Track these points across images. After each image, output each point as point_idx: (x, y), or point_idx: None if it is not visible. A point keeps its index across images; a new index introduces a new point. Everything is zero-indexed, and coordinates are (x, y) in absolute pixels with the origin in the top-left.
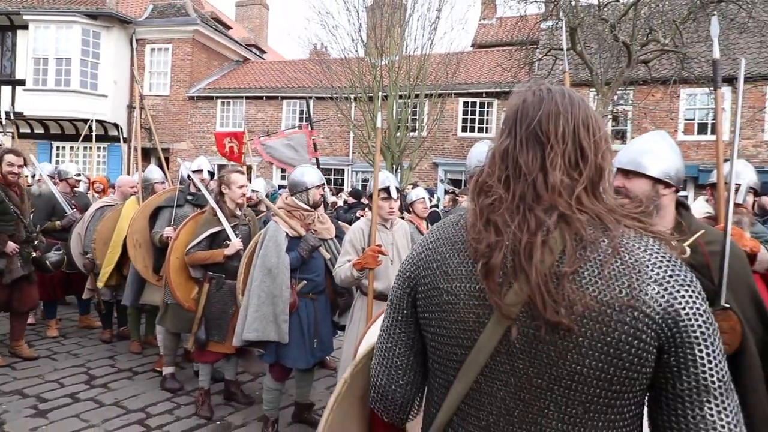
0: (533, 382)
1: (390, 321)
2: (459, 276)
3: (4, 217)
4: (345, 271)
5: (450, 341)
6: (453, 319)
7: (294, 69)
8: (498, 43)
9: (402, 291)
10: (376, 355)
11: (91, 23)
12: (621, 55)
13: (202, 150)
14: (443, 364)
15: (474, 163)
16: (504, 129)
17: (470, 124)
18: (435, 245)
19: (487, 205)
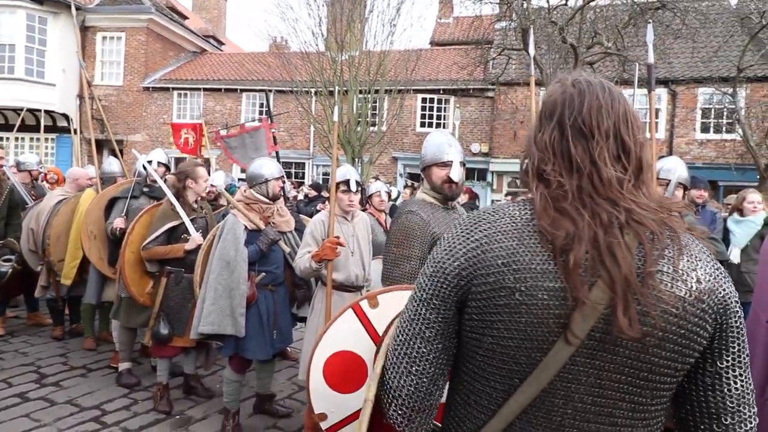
0: (612, 377)
1: (424, 324)
2: (533, 273)
3: None
4: (304, 263)
5: (520, 343)
6: (526, 320)
7: (253, 61)
8: (455, 41)
9: (448, 290)
10: (400, 361)
11: (36, 8)
12: (569, 57)
13: (158, 142)
14: (502, 367)
15: (427, 153)
16: (546, 118)
17: (428, 120)
18: (493, 239)
19: (552, 193)
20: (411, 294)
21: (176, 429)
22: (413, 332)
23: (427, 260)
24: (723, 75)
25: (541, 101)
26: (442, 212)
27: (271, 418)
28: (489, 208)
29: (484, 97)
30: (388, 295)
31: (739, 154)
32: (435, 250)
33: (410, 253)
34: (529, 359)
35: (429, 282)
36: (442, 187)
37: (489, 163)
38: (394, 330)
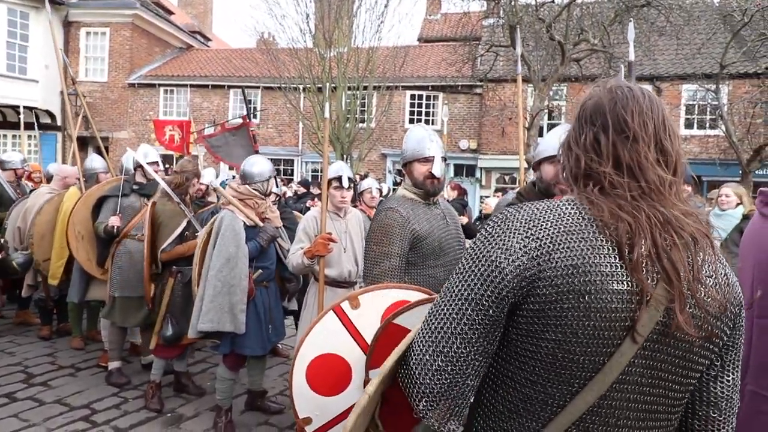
0: (661, 375)
1: (468, 325)
2: (602, 275)
3: None
4: (297, 259)
5: (586, 348)
6: (594, 324)
7: (241, 58)
8: (443, 38)
9: (504, 291)
10: (434, 358)
11: (18, 3)
12: (556, 54)
13: (144, 139)
14: (562, 372)
15: (408, 148)
16: (588, 121)
17: (417, 117)
18: (559, 239)
19: (605, 192)
20: (449, 289)
21: (167, 427)
22: (453, 331)
23: (472, 256)
24: (706, 72)
25: (581, 104)
26: (423, 208)
27: (263, 415)
28: (542, 204)
29: (473, 94)
30: (369, 296)
31: (722, 149)
32: (482, 247)
33: (390, 250)
34: (592, 363)
35: (479, 280)
36: (424, 183)
37: (477, 160)
38: (425, 325)
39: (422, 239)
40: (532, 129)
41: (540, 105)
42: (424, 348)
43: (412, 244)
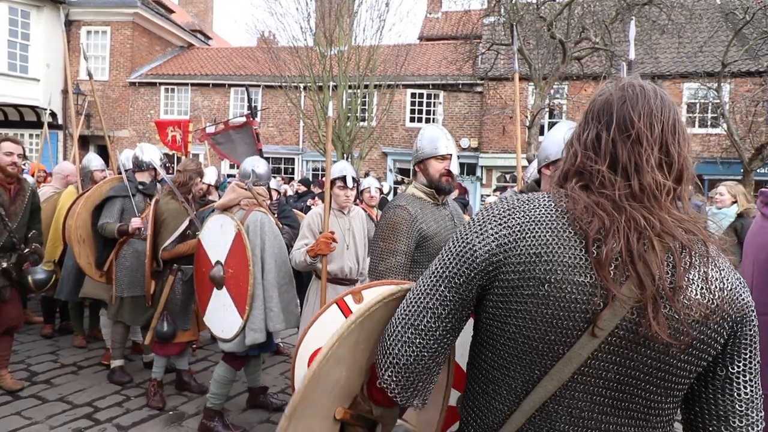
0: (631, 374)
1: (439, 301)
2: (564, 265)
3: None
4: (300, 256)
5: (544, 335)
6: (553, 312)
7: (241, 56)
8: (443, 36)
9: (474, 273)
10: (404, 330)
11: (19, 2)
12: (557, 52)
13: (146, 138)
14: (523, 358)
15: (424, 146)
16: (594, 118)
17: (418, 115)
18: (527, 228)
19: (589, 189)
20: (429, 269)
21: (169, 425)
22: (425, 305)
23: (453, 238)
24: (708, 70)
25: (591, 100)
26: (432, 207)
27: (265, 413)
28: (523, 197)
29: (474, 92)
30: (373, 290)
31: (724, 148)
32: (463, 230)
33: (396, 247)
34: (552, 351)
35: (454, 260)
36: (440, 181)
37: (478, 158)
38: (405, 300)
39: (429, 239)
40: (533, 127)
41: (541, 103)
42: (398, 320)
43: (418, 242)
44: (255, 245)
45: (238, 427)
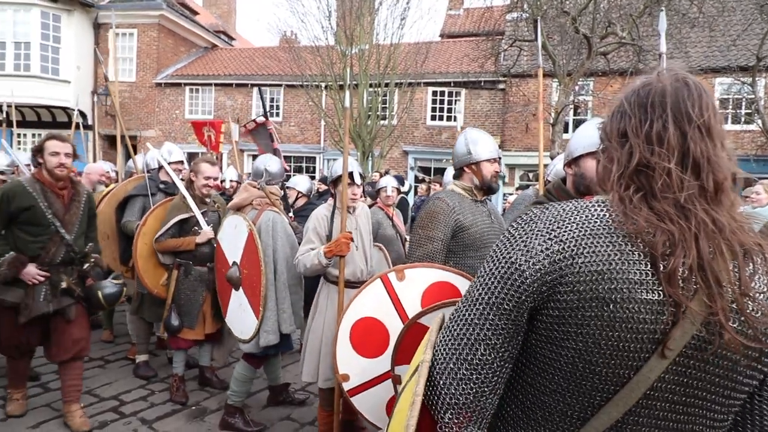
0: (698, 394)
1: (491, 330)
2: (629, 283)
3: (33, 229)
4: (311, 260)
5: (609, 360)
6: (619, 335)
7: (264, 56)
8: (465, 33)
9: (524, 296)
10: (458, 366)
11: (50, 6)
12: (582, 47)
13: (171, 137)
14: (583, 384)
15: (478, 150)
16: (646, 109)
17: (439, 113)
18: (583, 243)
19: (648, 194)
20: (470, 294)
21: (192, 420)
22: (476, 337)
23: (493, 257)
24: (741, 64)
25: (633, 89)
26: (470, 203)
27: (285, 410)
28: (569, 205)
29: (496, 90)
30: (414, 271)
31: (759, 145)
32: (502, 248)
33: (433, 234)
34: (616, 376)
35: (499, 283)
36: (491, 181)
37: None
38: (447, 332)
39: (465, 229)
40: (557, 125)
41: (565, 100)
42: (447, 356)
43: (454, 232)
44: (267, 245)
45: (258, 423)
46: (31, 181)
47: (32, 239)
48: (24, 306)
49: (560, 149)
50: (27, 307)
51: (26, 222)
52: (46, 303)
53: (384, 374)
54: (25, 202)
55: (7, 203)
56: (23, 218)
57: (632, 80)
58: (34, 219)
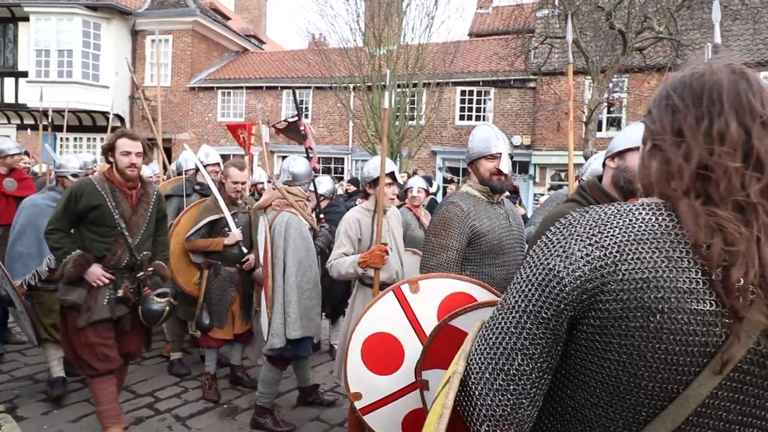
0: (754, 413)
1: (529, 339)
2: (678, 292)
3: (100, 229)
4: (347, 267)
5: (656, 373)
6: (666, 347)
7: (293, 59)
8: (494, 31)
9: (563, 304)
10: (494, 377)
11: (91, 15)
12: (616, 43)
13: (204, 140)
14: (627, 398)
15: (474, 146)
16: (697, 105)
17: (467, 113)
18: (627, 249)
19: (704, 196)
20: (505, 301)
21: (223, 418)
22: (512, 346)
23: (530, 264)
24: None
25: (682, 81)
26: (486, 206)
27: (314, 410)
28: (611, 208)
29: (526, 88)
30: (429, 282)
31: None
32: (540, 253)
33: (447, 243)
34: (664, 391)
35: (536, 291)
36: (491, 180)
37: (531, 156)
38: (482, 340)
39: (481, 236)
40: (590, 123)
41: (599, 98)
42: (483, 366)
43: (470, 239)
44: (278, 247)
45: (288, 423)
46: (101, 179)
47: (99, 239)
48: (86, 308)
49: (594, 148)
50: (89, 310)
51: (93, 221)
52: (108, 308)
53: (399, 391)
54: (93, 200)
55: (75, 201)
56: (91, 217)
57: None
58: (101, 219)
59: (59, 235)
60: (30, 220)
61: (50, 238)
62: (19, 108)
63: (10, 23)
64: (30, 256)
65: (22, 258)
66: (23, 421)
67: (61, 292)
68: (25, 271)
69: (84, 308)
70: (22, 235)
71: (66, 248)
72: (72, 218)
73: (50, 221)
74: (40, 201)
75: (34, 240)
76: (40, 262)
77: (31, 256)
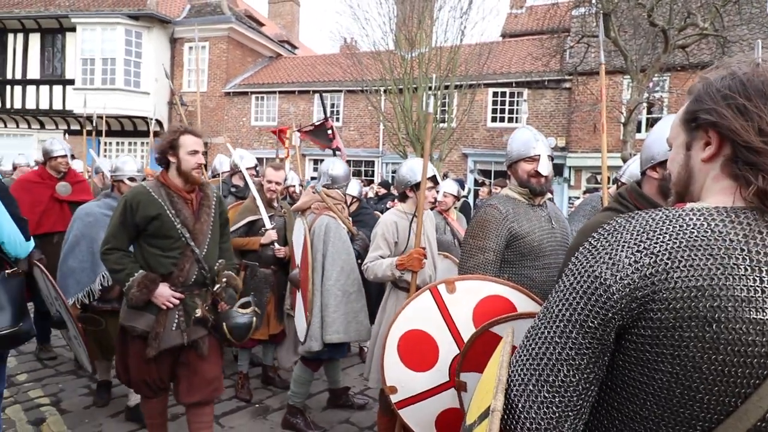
0: None
1: (575, 350)
2: (736, 300)
3: (163, 242)
4: (384, 270)
5: (710, 386)
6: (723, 359)
7: (325, 63)
8: (528, 32)
9: (611, 313)
10: (539, 389)
11: (133, 24)
12: (657, 41)
13: (238, 143)
14: (681, 412)
15: (513, 149)
16: (747, 98)
17: (500, 114)
18: (678, 255)
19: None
20: (548, 310)
21: (256, 417)
22: (558, 357)
23: (573, 271)
24: None
25: (740, 79)
26: (526, 208)
27: (344, 413)
28: (659, 214)
29: (561, 89)
30: (466, 284)
31: None
32: (584, 260)
33: (485, 244)
34: (720, 404)
35: (582, 299)
36: (529, 182)
37: (566, 158)
38: (524, 350)
39: (520, 238)
40: (629, 124)
41: (638, 98)
42: (526, 377)
43: (508, 241)
44: (317, 250)
45: (318, 426)
46: (156, 185)
47: (163, 254)
48: (153, 336)
49: (633, 150)
50: (157, 337)
51: (154, 234)
52: (179, 333)
53: (433, 388)
54: (151, 210)
55: (132, 213)
56: (151, 230)
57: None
58: (162, 230)
59: (118, 255)
60: (84, 230)
61: (108, 259)
62: (66, 114)
63: (58, 34)
64: (83, 271)
65: (75, 273)
66: (66, 414)
67: (127, 318)
68: (78, 289)
69: (152, 336)
70: (75, 247)
71: (128, 269)
72: (130, 233)
73: (106, 239)
74: (95, 210)
75: (88, 253)
76: (93, 278)
77: (85, 271)
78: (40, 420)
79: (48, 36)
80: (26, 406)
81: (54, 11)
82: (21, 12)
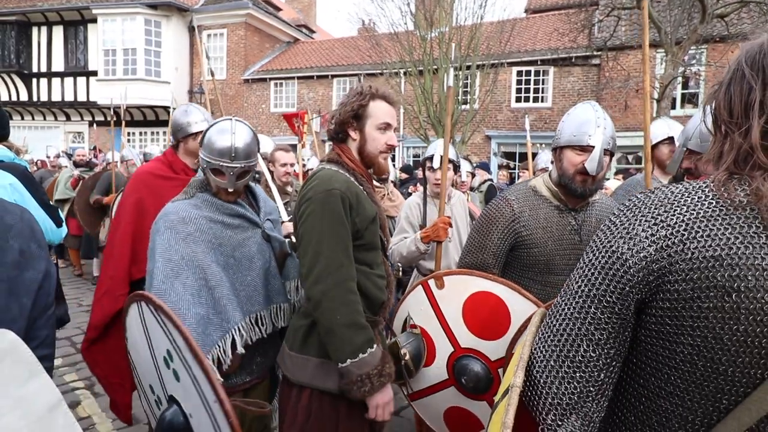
0: None
1: (594, 325)
2: (756, 270)
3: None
4: (409, 246)
5: (735, 357)
6: (744, 329)
7: (343, 47)
8: (553, 6)
9: (629, 286)
10: (560, 364)
11: (152, 13)
12: (694, 11)
13: (258, 130)
14: (705, 385)
15: (563, 129)
16: None
17: (524, 94)
18: (693, 225)
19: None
20: (568, 286)
21: None
22: (578, 332)
23: (593, 247)
24: None
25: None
26: (551, 211)
27: None
28: (679, 187)
29: (589, 65)
30: (454, 278)
31: None
32: (603, 236)
33: (486, 243)
34: (746, 376)
35: (600, 274)
36: (573, 180)
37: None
38: (546, 328)
39: (525, 247)
40: (663, 100)
41: (673, 72)
42: (547, 352)
43: (513, 246)
44: None
45: None
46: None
47: (378, 276)
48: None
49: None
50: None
51: (368, 245)
52: None
53: (435, 385)
54: (369, 209)
55: (350, 214)
56: (368, 238)
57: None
58: (376, 238)
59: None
60: (182, 250)
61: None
62: (90, 105)
63: (80, 26)
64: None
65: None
66: (100, 397)
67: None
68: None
69: None
70: (176, 280)
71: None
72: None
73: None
74: (192, 212)
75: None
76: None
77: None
78: (75, 403)
79: (71, 28)
80: (62, 390)
81: (75, 3)
82: (44, 5)
